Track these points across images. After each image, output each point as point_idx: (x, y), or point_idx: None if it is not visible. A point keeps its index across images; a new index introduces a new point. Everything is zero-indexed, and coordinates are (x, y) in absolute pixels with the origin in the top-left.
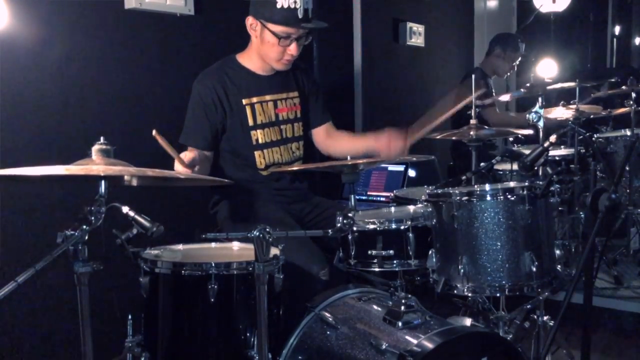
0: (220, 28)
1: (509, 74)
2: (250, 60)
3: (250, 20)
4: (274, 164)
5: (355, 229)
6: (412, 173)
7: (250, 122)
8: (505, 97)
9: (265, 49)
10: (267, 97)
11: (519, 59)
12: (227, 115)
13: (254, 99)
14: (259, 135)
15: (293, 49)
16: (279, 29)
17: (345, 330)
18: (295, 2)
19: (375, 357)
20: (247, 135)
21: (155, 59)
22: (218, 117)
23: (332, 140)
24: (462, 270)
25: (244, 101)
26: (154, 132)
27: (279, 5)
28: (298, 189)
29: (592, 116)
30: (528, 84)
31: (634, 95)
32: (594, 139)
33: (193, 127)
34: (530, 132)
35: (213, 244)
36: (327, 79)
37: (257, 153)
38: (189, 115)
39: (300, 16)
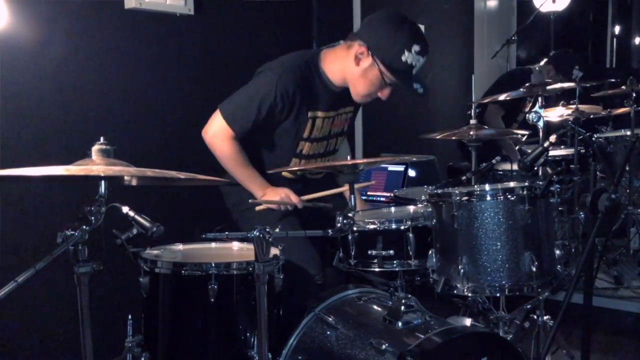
0: (220, 28)
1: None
2: (333, 71)
3: (362, 50)
4: (304, 171)
5: (355, 229)
6: (412, 173)
7: (305, 134)
8: (503, 97)
9: (361, 82)
10: (331, 113)
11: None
12: (287, 119)
13: (319, 113)
14: (305, 147)
15: (385, 94)
16: (391, 77)
17: (345, 330)
18: (418, 61)
19: (375, 357)
20: (295, 144)
21: (155, 59)
22: (274, 119)
23: None
24: (462, 270)
25: (310, 113)
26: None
27: (404, 59)
28: (313, 188)
29: (592, 116)
30: (528, 84)
31: (634, 95)
32: (594, 139)
33: (240, 113)
34: (529, 132)
35: (213, 244)
36: None
37: (294, 160)
38: (244, 98)
39: (413, 73)
